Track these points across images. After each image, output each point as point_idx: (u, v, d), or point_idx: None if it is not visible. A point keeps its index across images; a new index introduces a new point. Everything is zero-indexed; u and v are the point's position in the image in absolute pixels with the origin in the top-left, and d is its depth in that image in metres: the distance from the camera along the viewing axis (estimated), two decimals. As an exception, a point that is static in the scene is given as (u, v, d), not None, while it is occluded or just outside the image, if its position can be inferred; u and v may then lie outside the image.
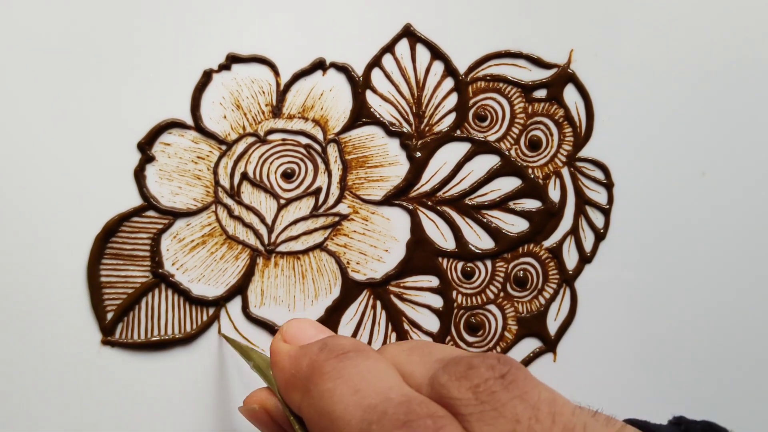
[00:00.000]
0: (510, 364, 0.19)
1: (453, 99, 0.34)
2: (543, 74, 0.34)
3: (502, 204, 0.34)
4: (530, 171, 0.34)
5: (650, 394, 0.35)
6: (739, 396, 0.35)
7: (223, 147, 0.32)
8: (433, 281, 0.34)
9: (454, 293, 0.34)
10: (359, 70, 0.33)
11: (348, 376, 0.20)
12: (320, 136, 0.33)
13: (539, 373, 0.34)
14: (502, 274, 0.34)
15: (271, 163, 0.33)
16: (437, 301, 0.34)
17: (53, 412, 0.31)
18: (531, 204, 0.34)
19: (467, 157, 0.34)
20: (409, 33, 0.33)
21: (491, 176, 0.34)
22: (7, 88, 0.30)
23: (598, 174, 0.34)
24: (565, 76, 0.34)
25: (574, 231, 0.34)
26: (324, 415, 0.19)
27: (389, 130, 0.33)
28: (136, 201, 0.32)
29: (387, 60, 0.33)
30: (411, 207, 0.33)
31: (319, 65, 0.33)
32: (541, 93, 0.34)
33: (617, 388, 0.34)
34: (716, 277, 0.35)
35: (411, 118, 0.33)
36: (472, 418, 0.18)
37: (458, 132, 0.34)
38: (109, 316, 0.31)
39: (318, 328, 0.24)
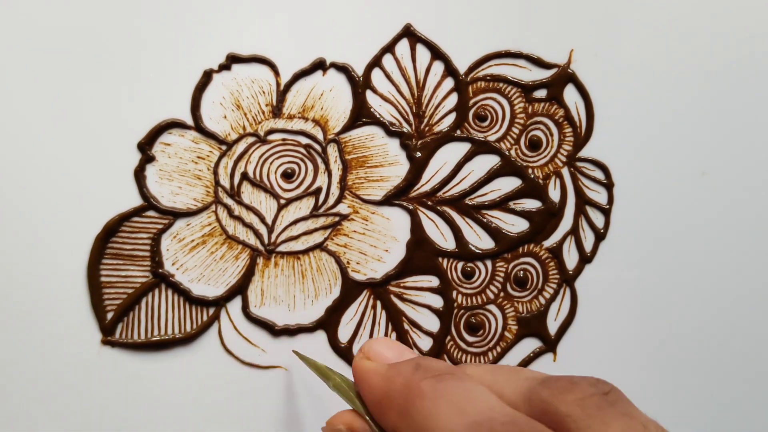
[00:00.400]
0: (610, 385, 0.19)
1: (453, 99, 0.34)
2: (543, 74, 0.34)
3: (502, 204, 0.34)
4: (530, 171, 0.34)
5: (650, 394, 0.35)
6: (741, 396, 0.35)
7: (224, 147, 0.32)
8: (434, 281, 0.34)
9: (455, 293, 0.34)
10: (359, 70, 0.33)
11: (450, 396, 0.20)
12: (320, 136, 0.33)
13: (539, 373, 0.34)
14: (502, 274, 0.34)
15: (271, 163, 0.33)
16: (437, 301, 0.34)
17: (53, 412, 0.31)
18: (531, 204, 0.34)
19: (467, 157, 0.34)
20: (409, 33, 0.33)
21: (491, 176, 0.34)
22: (7, 89, 0.30)
23: (599, 174, 0.34)
24: (565, 76, 0.34)
25: (574, 231, 0.34)
26: None
27: (389, 130, 0.33)
28: (137, 201, 0.32)
29: (387, 60, 0.33)
30: (411, 207, 0.33)
31: (320, 65, 0.33)
32: (541, 93, 0.34)
33: (617, 387, 0.34)
34: (717, 276, 0.35)
35: (411, 118, 0.33)
36: None
37: (458, 132, 0.34)
38: (110, 316, 0.31)
39: (400, 347, 0.24)
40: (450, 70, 0.33)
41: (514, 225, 0.34)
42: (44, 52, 0.31)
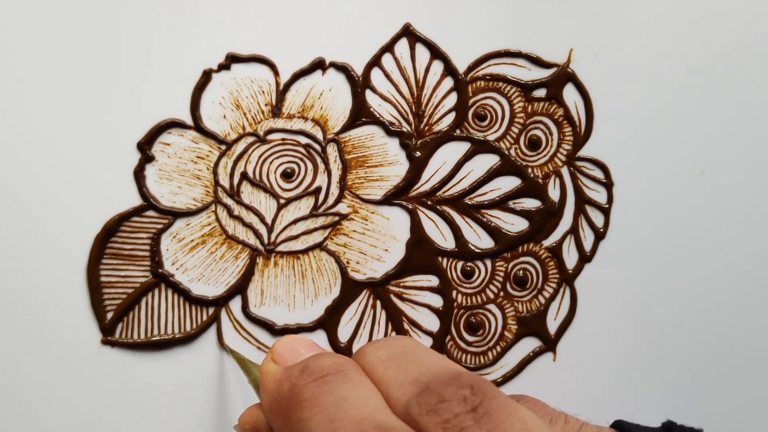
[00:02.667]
0: (483, 393, 0.19)
1: (452, 98, 0.34)
2: (542, 74, 0.34)
3: (501, 203, 0.34)
4: (530, 170, 0.34)
5: (650, 393, 0.35)
6: (738, 395, 0.35)
7: (223, 147, 0.32)
8: (433, 281, 0.34)
9: (454, 293, 0.34)
10: (359, 69, 0.33)
11: (324, 405, 0.19)
12: (320, 135, 0.33)
13: (539, 373, 0.34)
14: (501, 274, 0.34)
15: (270, 163, 0.33)
16: (437, 301, 0.34)
17: (53, 412, 0.31)
18: (531, 203, 0.34)
19: (467, 157, 0.34)
20: (408, 32, 0.33)
21: (491, 176, 0.34)
22: (5, 90, 0.30)
23: (598, 173, 0.34)
24: (564, 76, 0.34)
25: (573, 230, 0.34)
26: None
27: (389, 130, 0.33)
28: (136, 201, 0.32)
29: (386, 59, 0.33)
30: (411, 206, 0.33)
31: (319, 65, 0.33)
32: (540, 92, 0.34)
33: (617, 387, 0.34)
34: (716, 276, 0.35)
35: (410, 117, 0.33)
36: None
37: (458, 131, 0.34)
38: (109, 315, 0.31)
39: (308, 347, 0.23)
40: (449, 70, 0.33)
41: (513, 224, 0.34)
42: (43, 54, 0.31)
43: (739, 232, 0.35)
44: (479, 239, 0.34)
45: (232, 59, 0.32)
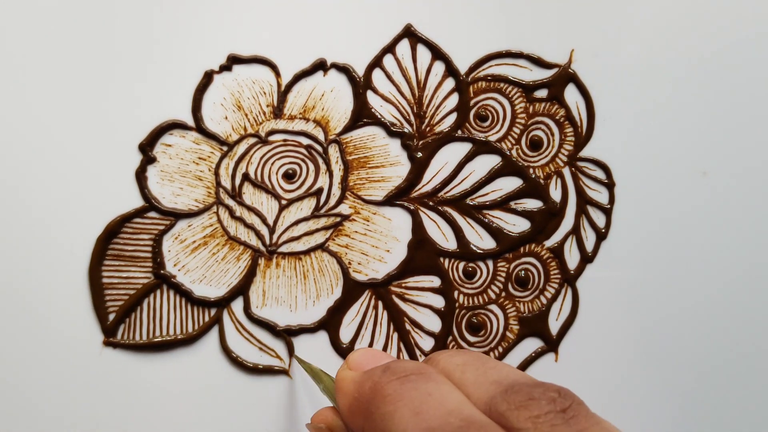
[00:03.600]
0: (571, 398, 0.19)
1: (454, 99, 0.34)
2: (544, 74, 0.34)
3: (503, 204, 0.34)
4: (531, 171, 0.34)
5: (652, 393, 0.35)
6: (743, 396, 0.35)
7: (225, 148, 0.32)
8: (435, 281, 0.34)
9: (456, 293, 0.34)
10: (360, 70, 0.33)
11: (409, 399, 0.20)
12: (321, 136, 0.33)
13: (541, 374, 0.34)
14: (503, 274, 0.34)
15: (272, 164, 0.33)
16: (439, 302, 0.34)
17: (55, 413, 0.31)
18: (532, 204, 0.34)
19: (468, 158, 0.34)
20: (409, 33, 0.33)
21: (492, 176, 0.34)
22: (7, 91, 0.31)
23: (599, 174, 0.34)
24: (565, 76, 0.34)
25: (575, 231, 0.34)
26: None
27: (390, 131, 0.33)
28: (138, 202, 0.32)
29: (388, 60, 0.33)
30: (412, 207, 0.33)
31: (320, 66, 0.33)
32: (542, 93, 0.34)
33: (619, 387, 0.34)
34: (718, 276, 0.35)
35: (412, 118, 0.33)
36: None
37: (459, 132, 0.34)
38: (111, 317, 0.31)
39: (379, 356, 0.24)
40: (451, 71, 0.33)
41: (515, 225, 0.34)
42: (44, 56, 0.31)
43: (741, 233, 0.35)
44: (481, 240, 0.34)
45: (234, 60, 0.32)
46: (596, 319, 0.34)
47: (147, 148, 0.31)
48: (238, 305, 0.32)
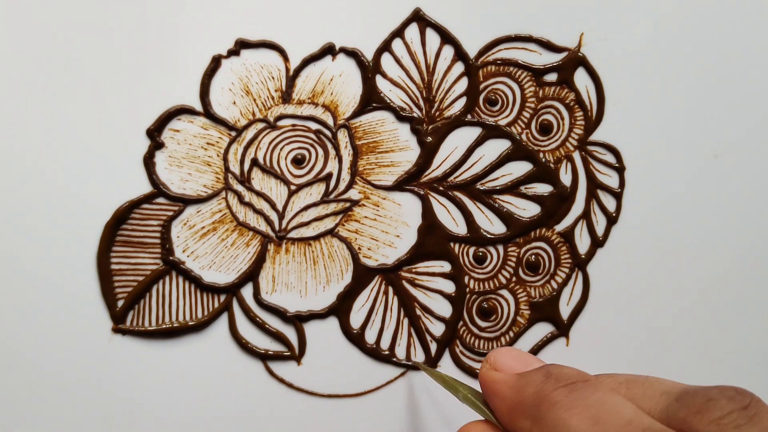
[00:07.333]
0: (749, 395, 0.19)
1: (463, 83, 0.33)
2: (553, 58, 0.34)
3: (513, 188, 0.34)
4: (541, 155, 0.34)
5: (662, 377, 0.35)
6: (754, 380, 0.35)
7: (233, 133, 0.32)
8: (445, 266, 0.33)
9: (466, 278, 0.34)
10: (369, 55, 0.33)
11: (584, 407, 0.19)
12: (330, 121, 0.33)
13: (552, 358, 0.34)
14: (514, 259, 0.34)
15: (281, 149, 0.32)
16: (449, 287, 0.33)
17: (65, 400, 0.31)
18: (542, 188, 0.34)
19: (478, 142, 0.34)
20: (418, 17, 0.33)
21: (502, 161, 0.34)
22: (15, 78, 0.30)
23: (610, 158, 0.34)
24: (575, 60, 0.34)
25: (585, 215, 0.34)
26: None
27: (400, 115, 0.33)
28: (146, 188, 0.31)
29: (397, 45, 0.33)
30: (422, 192, 0.33)
31: (329, 50, 0.32)
32: (551, 77, 0.34)
33: (630, 371, 0.34)
34: (729, 260, 0.35)
35: (421, 102, 0.33)
36: None
37: (469, 116, 0.33)
38: (120, 303, 0.31)
39: (527, 357, 0.25)
40: (460, 55, 0.33)
41: (525, 209, 0.34)
42: (51, 42, 0.30)
43: (752, 216, 0.35)
44: (491, 224, 0.34)
45: (242, 45, 0.32)
46: (607, 304, 0.34)
47: (155, 133, 0.31)
48: (247, 291, 0.32)
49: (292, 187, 0.32)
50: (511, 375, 0.23)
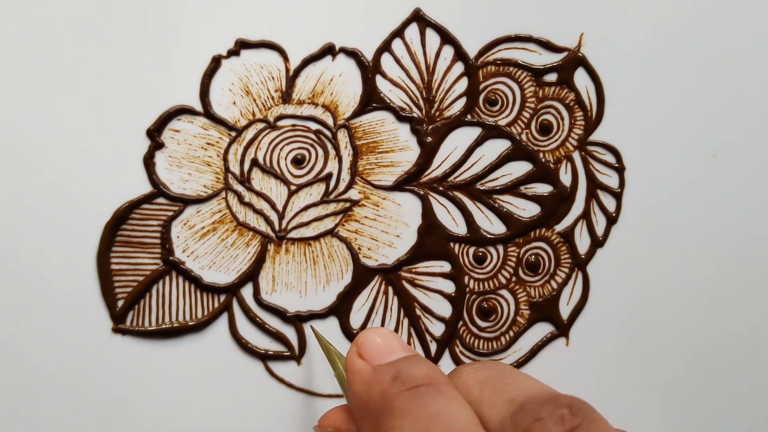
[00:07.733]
0: (583, 414, 0.18)
1: (463, 83, 0.33)
2: (553, 58, 0.34)
3: (513, 188, 0.34)
4: (541, 155, 0.34)
5: (662, 378, 0.35)
6: (755, 380, 0.35)
7: (233, 133, 0.32)
8: (445, 266, 0.33)
9: (466, 278, 0.34)
10: (369, 55, 0.33)
11: (417, 416, 0.19)
12: (330, 121, 0.33)
13: (552, 359, 0.34)
14: (513, 259, 0.34)
15: (281, 149, 0.32)
16: (449, 287, 0.33)
17: (64, 400, 0.31)
18: (542, 188, 0.34)
19: (478, 142, 0.34)
20: (418, 17, 0.33)
21: (502, 161, 0.34)
22: (14, 77, 0.30)
23: (610, 158, 0.34)
24: (575, 60, 0.34)
25: (585, 215, 0.34)
26: None
27: (399, 115, 0.33)
28: (146, 188, 0.31)
29: (397, 45, 0.33)
30: (422, 192, 0.33)
31: (329, 50, 0.32)
32: (551, 77, 0.34)
33: (630, 372, 0.34)
34: (729, 260, 0.35)
35: (421, 102, 0.33)
36: None
37: (469, 116, 0.33)
38: (120, 303, 0.31)
39: (390, 343, 0.23)
40: (460, 55, 0.33)
41: (525, 209, 0.34)
42: (50, 41, 0.30)
43: (751, 216, 0.35)
44: (491, 225, 0.34)
45: (242, 45, 0.32)
46: (607, 304, 0.34)
47: (155, 133, 0.31)
48: (247, 291, 0.32)
49: (292, 187, 0.33)
50: (368, 366, 0.22)
